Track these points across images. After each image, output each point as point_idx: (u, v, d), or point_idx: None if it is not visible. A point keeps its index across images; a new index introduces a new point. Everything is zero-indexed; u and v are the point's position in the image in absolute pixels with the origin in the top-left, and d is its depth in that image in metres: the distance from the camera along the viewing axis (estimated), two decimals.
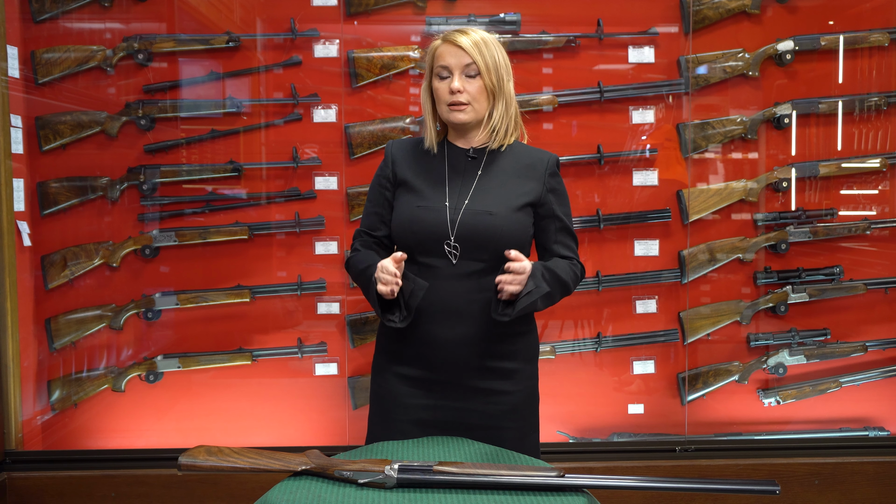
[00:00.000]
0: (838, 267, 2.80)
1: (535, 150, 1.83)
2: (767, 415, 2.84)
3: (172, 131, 2.73)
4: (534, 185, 1.77)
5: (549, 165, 1.80)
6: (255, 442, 2.67)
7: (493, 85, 1.72)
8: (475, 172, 1.77)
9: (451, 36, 1.72)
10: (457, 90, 1.70)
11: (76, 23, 2.70)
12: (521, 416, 1.78)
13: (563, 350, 2.79)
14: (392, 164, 1.82)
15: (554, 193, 1.80)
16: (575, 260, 1.82)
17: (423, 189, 1.75)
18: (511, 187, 1.75)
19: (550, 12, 2.73)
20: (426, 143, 1.80)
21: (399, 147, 1.85)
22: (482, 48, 1.71)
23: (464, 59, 1.70)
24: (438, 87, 1.74)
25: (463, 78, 1.71)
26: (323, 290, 2.76)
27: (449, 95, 1.72)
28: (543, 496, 1.33)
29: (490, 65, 1.71)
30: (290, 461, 1.42)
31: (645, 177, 2.76)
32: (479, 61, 1.70)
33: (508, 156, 1.79)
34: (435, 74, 1.75)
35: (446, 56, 1.72)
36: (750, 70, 2.74)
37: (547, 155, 1.82)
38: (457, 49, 1.70)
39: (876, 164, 2.80)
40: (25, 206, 2.69)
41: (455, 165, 1.78)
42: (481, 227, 1.70)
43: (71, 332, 2.73)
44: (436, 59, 1.74)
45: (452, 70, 1.71)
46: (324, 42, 2.71)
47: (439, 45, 1.74)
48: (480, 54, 1.70)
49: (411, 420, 1.74)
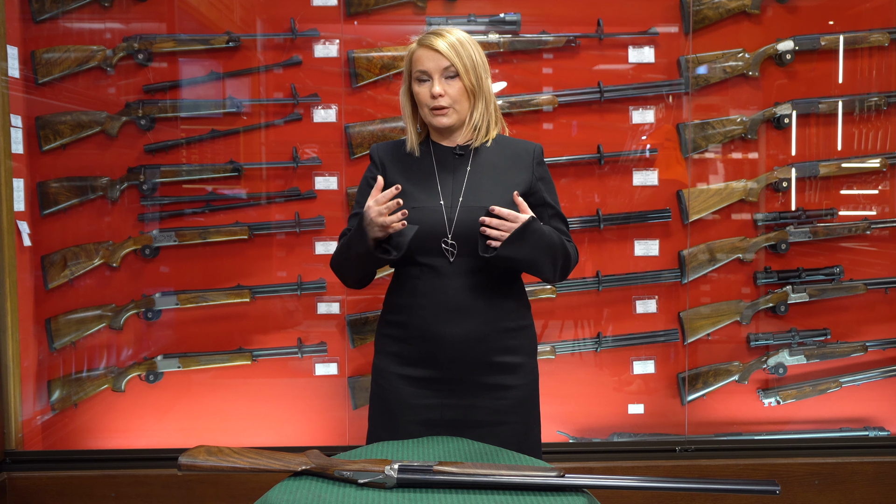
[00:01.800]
0: (838, 267, 2.80)
1: (518, 140, 1.85)
2: (767, 415, 2.84)
3: (172, 131, 2.73)
4: (524, 175, 1.79)
5: (536, 154, 1.82)
6: (255, 442, 2.67)
7: (472, 85, 1.74)
8: (464, 169, 1.78)
9: (427, 39, 1.72)
10: (438, 94, 1.71)
11: (76, 23, 2.70)
12: (526, 410, 1.80)
13: (563, 350, 2.79)
14: (381, 167, 1.83)
15: (543, 181, 1.82)
16: (571, 242, 1.84)
17: (413, 190, 1.76)
18: (502, 180, 1.77)
19: (550, 12, 2.73)
20: (408, 147, 1.81)
21: (384, 150, 1.86)
22: (459, 49, 1.71)
23: (442, 62, 1.71)
24: (419, 92, 1.74)
25: (443, 81, 1.72)
26: (323, 290, 2.76)
27: (431, 100, 1.73)
28: (543, 496, 1.33)
29: (468, 65, 1.72)
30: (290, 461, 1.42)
31: (645, 177, 2.76)
32: (457, 63, 1.71)
33: (494, 149, 1.81)
34: (414, 79, 1.75)
35: (424, 60, 1.72)
36: (750, 70, 2.74)
37: (531, 145, 1.84)
38: (434, 53, 1.71)
39: (876, 164, 2.80)
40: (25, 206, 2.69)
41: (443, 164, 1.79)
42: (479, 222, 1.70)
43: (71, 332, 2.73)
44: (414, 64, 1.74)
45: (431, 74, 1.72)
46: (324, 42, 2.71)
47: (416, 49, 1.75)
48: (458, 56, 1.71)
49: (418, 420, 1.74)
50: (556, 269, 1.74)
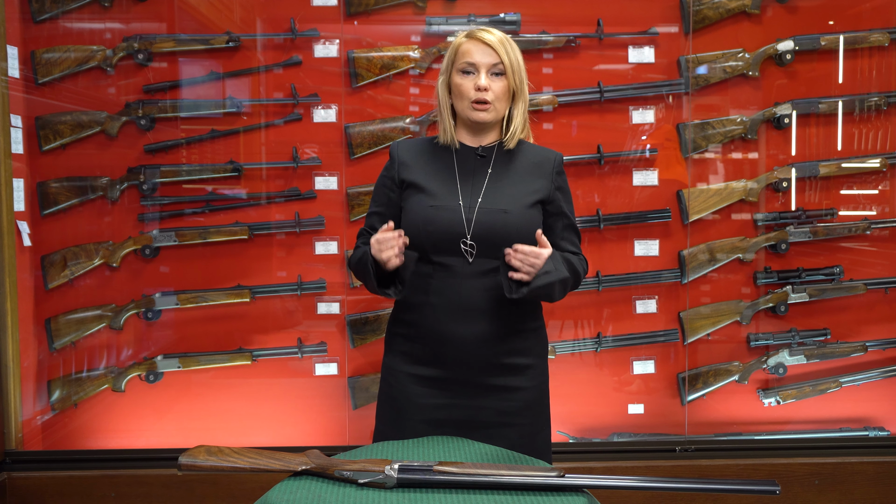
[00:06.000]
0: (838, 267, 2.80)
1: (540, 148, 1.85)
2: (767, 415, 2.84)
3: (172, 131, 2.73)
4: (543, 182, 1.79)
5: (556, 164, 1.82)
6: (255, 442, 2.67)
7: (515, 85, 1.74)
8: (485, 171, 1.77)
9: (479, 34, 1.72)
10: (484, 88, 1.70)
11: (76, 23, 2.70)
12: (535, 412, 1.79)
13: (563, 350, 2.79)
14: (398, 165, 1.81)
15: (561, 191, 1.82)
16: (581, 256, 1.84)
17: (433, 189, 1.75)
18: (522, 185, 1.77)
19: (550, 12, 2.73)
20: (443, 138, 1.79)
21: (405, 148, 1.84)
22: (507, 48, 1.72)
23: (492, 57, 1.70)
24: (462, 84, 1.72)
25: (489, 76, 1.71)
26: (323, 290, 2.76)
27: (475, 92, 1.71)
28: (543, 496, 1.33)
29: (515, 65, 1.72)
30: (290, 461, 1.42)
31: (645, 177, 2.76)
32: (505, 61, 1.70)
33: (516, 154, 1.80)
34: (458, 70, 1.73)
35: (474, 53, 1.71)
36: (750, 70, 2.74)
37: (553, 153, 1.83)
38: (485, 47, 1.70)
39: (876, 164, 2.80)
40: (25, 206, 2.69)
41: (464, 164, 1.78)
42: (497, 225, 1.70)
43: (71, 332, 2.73)
44: (460, 55, 1.73)
45: (479, 67, 1.71)
46: (324, 42, 2.71)
47: (464, 41, 1.73)
48: (507, 54, 1.71)
49: (426, 420, 1.74)
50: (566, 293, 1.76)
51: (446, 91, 1.78)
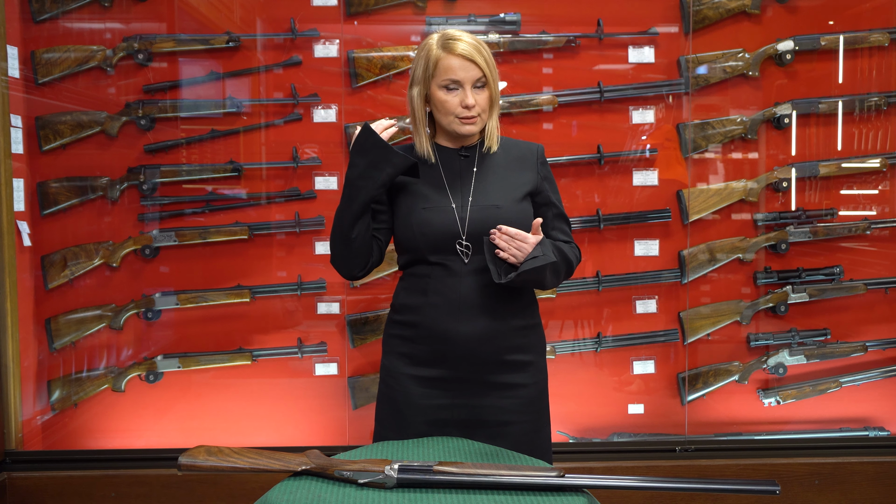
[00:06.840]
0: (838, 267, 2.80)
1: (519, 141, 1.86)
2: (767, 415, 2.84)
3: (172, 131, 2.73)
4: (529, 175, 1.80)
5: (539, 155, 1.83)
6: (255, 442, 2.67)
7: (495, 94, 1.74)
8: (471, 170, 1.78)
9: (455, 46, 1.68)
10: (472, 105, 1.70)
11: (76, 23, 2.70)
12: (536, 409, 1.80)
13: (563, 350, 2.79)
14: None
15: (547, 181, 1.83)
16: (573, 244, 1.85)
17: (423, 192, 1.76)
18: (510, 180, 1.78)
19: (550, 12, 2.73)
20: (418, 150, 1.78)
21: None
22: (484, 55, 1.70)
23: (475, 72, 1.69)
24: (447, 101, 1.70)
25: (473, 90, 1.71)
26: (323, 290, 2.76)
27: (462, 109, 1.70)
28: (543, 496, 1.33)
29: (493, 72, 1.73)
30: (290, 461, 1.42)
31: (645, 177, 2.76)
32: (487, 72, 1.70)
33: (498, 150, 1.81)
34: (439, 86, 1.71)
35: (457, 70, 1.68)
36: (750, 70, 2.74)
37: (534, 145, 1.85)
38: (467, 62, 1.68)
39: (876, 164, 2.80)
40: (25, 206, 2.69)
41: (449, 166, 1.79)
42: (491, 221, 1.70)
43: (71, 332, 2.73)
44: (442, 71, 1.69)
45: (464, 83, 1.69)
46: (324, 42, 2.71)
47: (442, 55, 1.69)
48: (486, 63, 1.70)
49: (428, 421, 1.74)
50: (558, 281, 1.76)
51: (422, 102, 1.75)
